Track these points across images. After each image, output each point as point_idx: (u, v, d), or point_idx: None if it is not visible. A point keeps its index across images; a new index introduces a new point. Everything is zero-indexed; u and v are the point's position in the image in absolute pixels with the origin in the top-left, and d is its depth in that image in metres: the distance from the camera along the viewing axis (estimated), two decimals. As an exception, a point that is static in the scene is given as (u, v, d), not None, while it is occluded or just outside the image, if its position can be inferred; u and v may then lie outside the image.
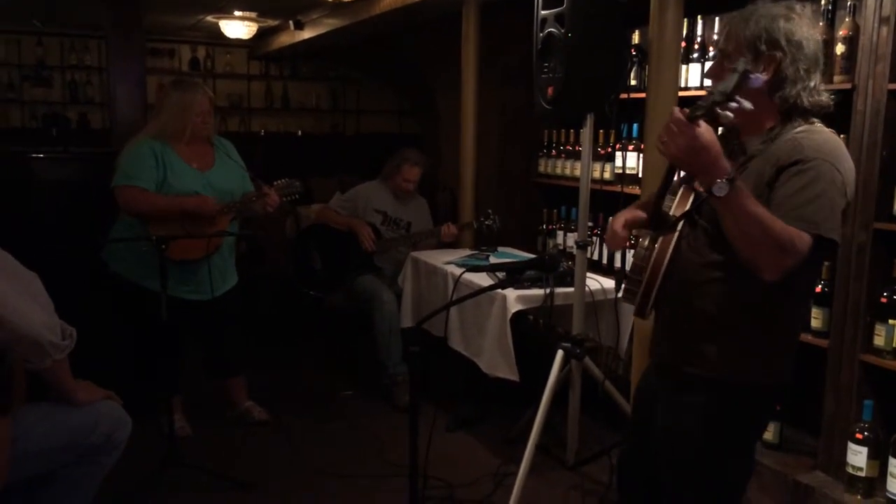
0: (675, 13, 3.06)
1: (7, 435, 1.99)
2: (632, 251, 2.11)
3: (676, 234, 1.87)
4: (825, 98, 1.83)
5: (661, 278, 1.85)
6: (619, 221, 2.08)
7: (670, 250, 1.85)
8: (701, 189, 1.81)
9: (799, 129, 1.79)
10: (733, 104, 1.63)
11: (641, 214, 2.09)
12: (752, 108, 1.69)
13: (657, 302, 1.90)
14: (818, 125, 1.82)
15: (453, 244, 4.57)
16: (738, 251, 1.71)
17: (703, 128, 1.65)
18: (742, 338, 1.84)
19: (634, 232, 2.05)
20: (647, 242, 1.90)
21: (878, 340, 2.69)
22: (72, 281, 3.77)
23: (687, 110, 1.68)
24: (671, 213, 1.88)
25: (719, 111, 1.64)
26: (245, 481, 3.25)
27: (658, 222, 1.88)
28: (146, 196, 3.38)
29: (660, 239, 1.87)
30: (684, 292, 1.87)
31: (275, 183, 3.68)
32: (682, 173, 1.89)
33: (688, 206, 1.86)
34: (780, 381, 1.90)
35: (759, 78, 1.72)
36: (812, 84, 1.82)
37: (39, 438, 2.10)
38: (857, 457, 2.67)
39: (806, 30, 1.82)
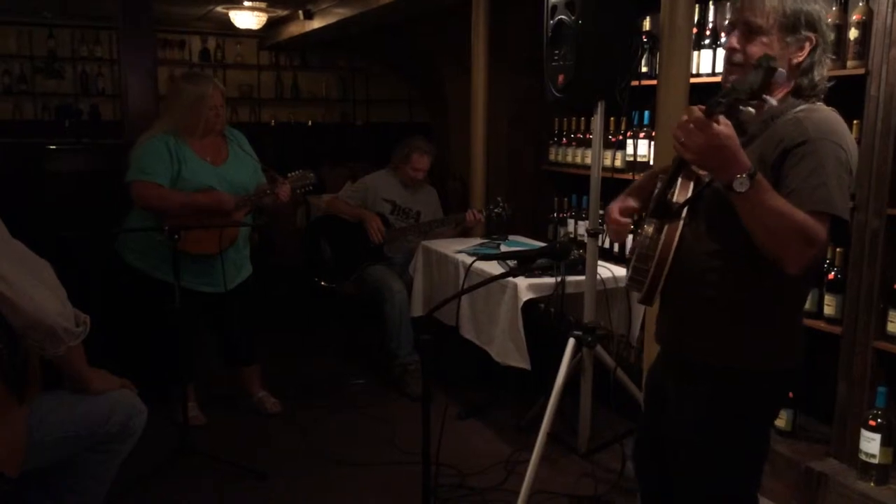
0: (687, -1, 3.04)
1: (24, 424, 2.01)
2: (633, 237, 2.08)
3: (681, 221, 1.84)
4: (826, 82, 1.83)
5: (668, 266, 1.82)
6: (615, 212, 2.04)
7: (676, 238, 1.83)
8: (703, 174, 1.79)
9: (799, 108, 1.77)
10: (756, 101, 1.59)
11: (632, 204, 2.05)
12: (777, 104, 1.66)
13: (663, 289, 1.88)
14: (818, 104, 1.80)
15: (464, 233, 4.57)
16: (760, 245, 1.67)
17: (722, 123, 1.60)
18: (745, 325, 1.82)
19: (636, 218, 2.03)
20: (651, 230, 1.87)
21: (892, 327, 2.68)
22: (85, 271, 3.81)
23: (703, 106, 1.62)
24: (674, 200, 1.85)
25: (741, 107, 1.59)
26: (257, 469, 3.27)
27: (662, 210, 1.85)
28: (161, 192, 3.38)
29: (665, 227, 1.84)
30: (687, 280, 1.85)
31: (289, 175, 3.68)
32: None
33: (689, 194, 1.82)
34: (787, 367, 1.89)
35: (783, 73, 1.67)
36: (825, 71, 1.81)
37: (55, 427, 2.12)
38: (871, 444, 2.67)
39: (826, 13, 1.80)
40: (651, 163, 3.60)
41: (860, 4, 2.78)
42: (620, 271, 3.50)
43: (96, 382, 2.22)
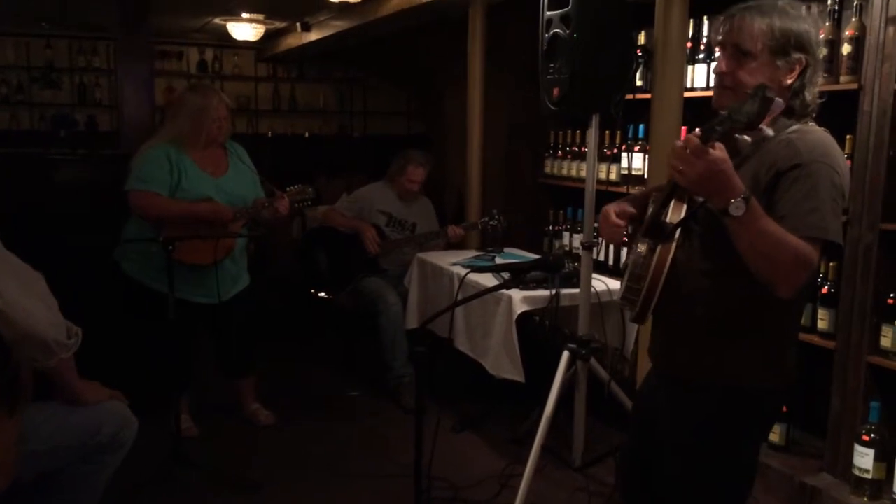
0: (681, 14, 3.07)
1: (14, 436, 2.00)
2: (627, 252, 2.08)
3: (674, 243, 1.84)
4: (818, 100, 1.83)
5: (661, 286, 1.82)
6: (612, 215, 2.04)
7: (669, 258, 1.82)
8: (698, 197, 1.77)
9: (791, 129, 1.76)
10: (754, 131, 1.58)
11: (629, 208, 2.05)
12: (773, 134, 1.66)
13: (656, 309, 1.88)
14: (810, 124, 1.80)
15: (460, 245, 4.58)
16: (753, 269, 1.67)
17: (717, 148, 1.60)
18: (740, 343, 1.82)
19: (629, 234, 2.03)
20: (644, 250, 1.87)
21: (885, 342, 2.69)
22: (82, 280, 3.80)
23: (699, 132, 1.61)
24: (667, 220, 1.84)
25: (737, 136, 1.58)
26: (251, 481, 3.26)
27: (655, 231, 1.85)
28: (159, 201, 3.39)
29: (659, 247, 1.83)
30: (681, 299, 1.84)
31: (288, 189, 3.69)
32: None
33: (682, 214, 1.82)
34: (780, 385, 1.88)
35: (781, 103, 1.68)
36: (817, 90, 1.81)
37: (46, 438, 2.11)
38: (864, 459, 2.66)
39: (818, 32, 1.80)
40: (646, 176, 3.61)
41: (853, 20, 2.80)
42: (615, 284, 3.50)
43: (87, 394, 2.22)
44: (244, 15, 6.82)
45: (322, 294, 4.59)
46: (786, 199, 1.68)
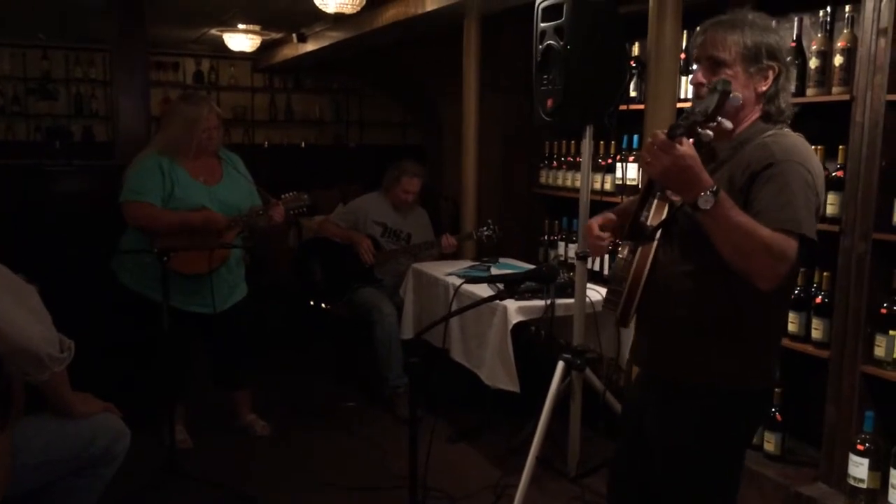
0: (674, 25, 3.09)
1: (6, 449, 1.99)
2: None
3: (655, 243, 1.89)
4: (792, 107, 1.90)
5: (641, 288, 1.87)
6: (595, 228, 2.11)
7: (650, 260, 1.88)
8: (676, 199, 1.82)
9: (767, 133, 1.82)
10: (713, 124, 1.66)
11: (611, 216, 2.11)
12: (732, 127, 1.73)
13: (638, 311, 1.91)
14: (786, 130, 1.85)
15: (455, 255, 4.58)
16: (730, 263, 1.71)
17: (685, 145, 1.67)
18: (722, 343, 1.84)
19: (612, 238, 2.08)
20: (626, 252, 1.92)
21: (879, 351, 2.69)
22: (78, 291, 3.80)
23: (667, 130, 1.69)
24: (648, 223, 1.89)
25: (699, 130, 1.66)
26: (245, 492, 3.24)
27: (636, 233, 1.89)
28: (153, 211, 3.40)
29: (639, 249, 1.89)
30: (663, 301, 1.88)
31: (283, 196, 3.69)
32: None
33: (664, 216, 1.87)
34: (763, 385, 1.91)
35: (738, 98, 1.76)
36: (790, 96, 1.89)
37: (38, 451, 2.11)
38: (859, 468, 2.66)
39: (787, 42, 1.86)
40: (640, 186, 3.62)
41: (845, 31, 2.81)
42: (610, 294, 3.51)
43: (80, 406, 2.21)
44: (240, 26, 6.85)
45: (323, 305, 4.59)
46: (760, 196, 1.73)
